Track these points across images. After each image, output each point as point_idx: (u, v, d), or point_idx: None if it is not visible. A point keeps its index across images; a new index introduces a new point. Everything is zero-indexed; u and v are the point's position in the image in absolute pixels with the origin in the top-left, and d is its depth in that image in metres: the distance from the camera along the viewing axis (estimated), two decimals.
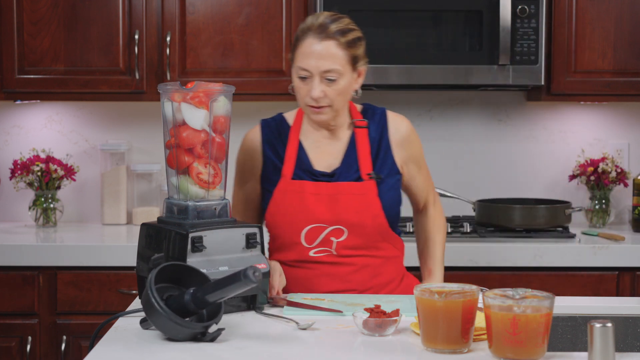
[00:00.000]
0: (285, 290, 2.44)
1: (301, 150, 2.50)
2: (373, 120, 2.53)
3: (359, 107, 2.56)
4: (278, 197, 2.47)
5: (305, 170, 2.47)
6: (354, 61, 2.43)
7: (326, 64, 2.38)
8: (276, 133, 2.53)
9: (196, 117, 2.21)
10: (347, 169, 2.47)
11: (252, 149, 2.53)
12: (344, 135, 2.51)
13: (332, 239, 2.43)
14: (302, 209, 2.43)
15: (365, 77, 3.39)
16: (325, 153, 2.50)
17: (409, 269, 2.71)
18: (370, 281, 2.48)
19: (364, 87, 3.64)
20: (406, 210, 3.93)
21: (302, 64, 2.39)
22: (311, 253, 2.45)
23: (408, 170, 2.57)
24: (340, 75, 2.40)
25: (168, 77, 3.60)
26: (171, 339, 1.98)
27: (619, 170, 3.81)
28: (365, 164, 2.46)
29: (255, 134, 2.54)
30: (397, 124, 2.55)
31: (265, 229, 2.44)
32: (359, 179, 2.45)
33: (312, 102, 2.41)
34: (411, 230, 3.55)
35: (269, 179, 2.51)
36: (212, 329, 1.99)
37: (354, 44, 2.43)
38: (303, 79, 2.40)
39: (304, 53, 2.39)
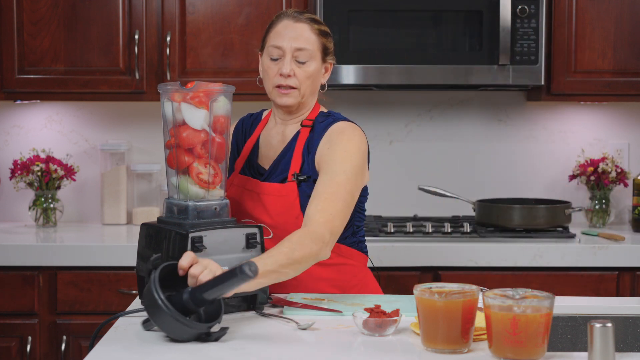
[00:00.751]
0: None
1: (256, 144, 2.55)
2: (323, 122, 2.48)
3: (324, 110, 2.54)
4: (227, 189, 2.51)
5: (251, 165, 2.52)
6: (324, 51, 2.47)
7: (299, 43, 2.42)
8: (247, 127, 2.60)
9: (196, 117, 2.21)
10: (278, 168, 2.47)
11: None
12: (292, 132, 2.51)
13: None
14: (239, 203, 2.48)
15: (364, 77, 3.39)
16: (271, 149, 2.52)
17: (381, 268, 2.67)
18: (308, 286, 2.44)
19: (364, 87, 3.67)
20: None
21: (276, 42, 2.44)
22: None
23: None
24: (311, 58, 2.43)
25: (168, 77, 3.60)
26: (172, 339, 1.97)
27: (619, 170, 3.81)
28: (295, 164, 2.44)
29: (232, 128, 2.61)
30: (333, 126, 2.45)
31: (264, 229, 2.44)
32: (284, 180, 2.44)
33: (280, 80, 2.43)
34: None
35: (230, 171, 2.57)
36: (215, 328, 1.99)
37: (325, 34, 2.48)
38: (274, 60, 2.44)
39: (278, 33, 2.45)
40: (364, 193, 2.50)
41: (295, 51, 2.42)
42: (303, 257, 2.20)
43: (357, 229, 2.52)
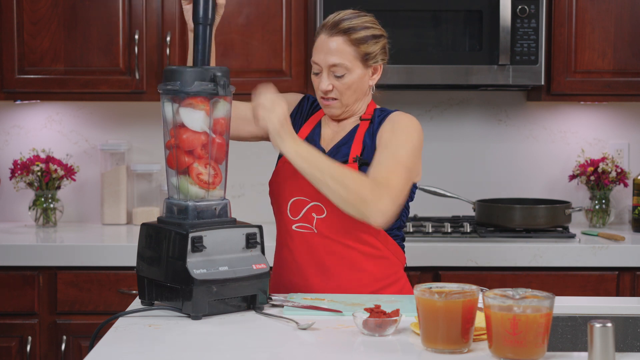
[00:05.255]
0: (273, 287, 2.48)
1: (317, 128, 2.57)
2: (381, 115, 2.54)
3: (377, 107, 2.58)
4: (279, 167, 2.55)
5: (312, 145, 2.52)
6: (365, 58, 2.47)
7: (332, 59, 2.45)
8: (307, 109, 2.62)
9: (196, 119, 2.21)
10: (339, 152, 2.50)
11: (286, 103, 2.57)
12: (351, 125, 2.55)
13: (314, 214, 2.46)
14: (293, 180, 2.48)
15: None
16: (331, 135, 2.55)
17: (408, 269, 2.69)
18: (350, 276, 2.46)
19: None
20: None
21: (314, 59, 2.49)
22: (294, 227, 2.48)
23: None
24: (348, 71, 2.45)
25: None
26: (170, 340, 1.97)
27: (619, 170, 3.81)
28: (356, 149, 2.49)
29: (295, 99, 2.63)
30: (394, 113, 2.54)
31: (265, 229, 2.44)
32: (345, 162, 2.47)
33: (321, 94, 2.49)
34: (411, 230, 3.55)
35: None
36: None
37: (364, 41, 2.47)
38: (316, 74, 2.50)
39: (316, 48, 2.49)
40: (413, 189, 2.52)
41: (330, 67, 2.45)
42: (353, 186, 2.29)
43: (403, 224, 2.55)
